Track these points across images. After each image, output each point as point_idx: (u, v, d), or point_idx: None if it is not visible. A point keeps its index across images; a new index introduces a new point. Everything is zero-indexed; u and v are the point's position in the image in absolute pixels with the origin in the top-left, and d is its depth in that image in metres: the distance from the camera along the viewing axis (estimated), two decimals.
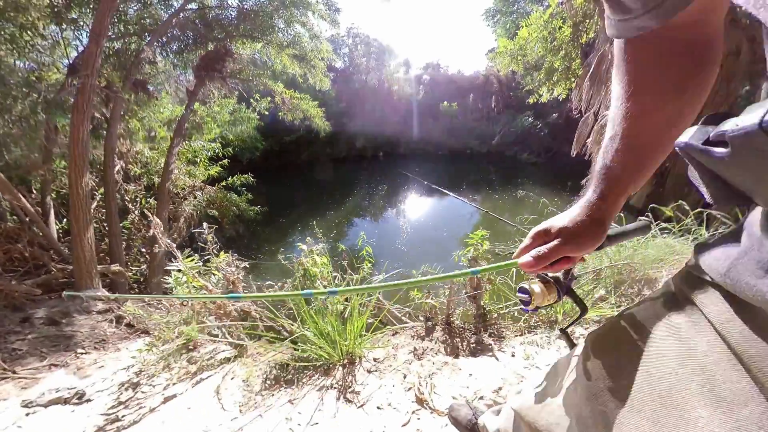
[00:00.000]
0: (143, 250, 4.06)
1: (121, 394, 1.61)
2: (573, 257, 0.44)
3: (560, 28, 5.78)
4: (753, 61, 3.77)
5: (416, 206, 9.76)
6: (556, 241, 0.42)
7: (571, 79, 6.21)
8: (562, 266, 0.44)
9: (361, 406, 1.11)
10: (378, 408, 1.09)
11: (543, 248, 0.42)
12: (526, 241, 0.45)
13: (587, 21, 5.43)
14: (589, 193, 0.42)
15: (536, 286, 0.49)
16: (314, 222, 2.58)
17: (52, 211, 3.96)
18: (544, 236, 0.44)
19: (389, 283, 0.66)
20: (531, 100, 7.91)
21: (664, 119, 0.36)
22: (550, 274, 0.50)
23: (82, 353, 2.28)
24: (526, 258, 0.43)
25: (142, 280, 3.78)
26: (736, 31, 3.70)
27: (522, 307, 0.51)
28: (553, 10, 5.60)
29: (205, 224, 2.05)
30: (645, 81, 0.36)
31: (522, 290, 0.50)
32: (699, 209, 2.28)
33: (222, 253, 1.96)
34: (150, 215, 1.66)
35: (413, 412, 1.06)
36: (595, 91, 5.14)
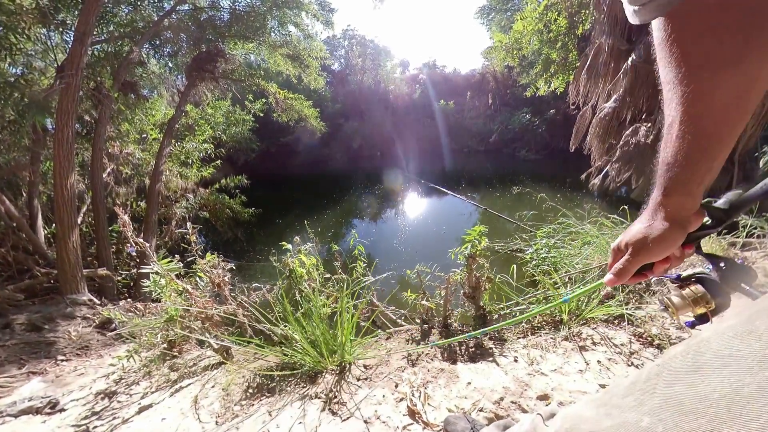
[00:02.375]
0: (133, 253, 3.96)
1: (97, 403, 1.51)
2: (669, 258, 0.43)
3: (555, 20, 5.71)
4: None
5: (414, 205, 9.67)
6: (627, 255, 0.44)
7: (568, 71, 6.15)
8: (659, 270, 0.44)
9: (347, 419, 1.00)
10: (365, 422, 0.98)
11: (618, 264, 0.45)
12: (610, 258, 0.48)
13: (583, 12, 5.37)
14: (654, 193, 0.41)
15: (673, 297, 0.43)
16: (307, 223, 2.48)
17: (39, 215, 3.86)
18: (618, 252, 0.45)
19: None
20: (528, 93, 7.86)
21: (726, 95, 0.31)
22: (683, 274, 0.44)
23: (62, 360, 2.18)
24: (608, 276, 0.46)
25: (131, 284, 3.67)
26: None
27: (693, 325, 0.42)
28: (547, 2, 5.53)
29: (189, 225, 1.95)
30: (696, 56, 0.31)
31: (663, 305, 0.44)
32: (706, 199, 2.19)
33: (208, 254, 1.86)
34: (120, 213, 1.55)
35: (404, 428, 0.95)
36: (592, 84, 5.06)
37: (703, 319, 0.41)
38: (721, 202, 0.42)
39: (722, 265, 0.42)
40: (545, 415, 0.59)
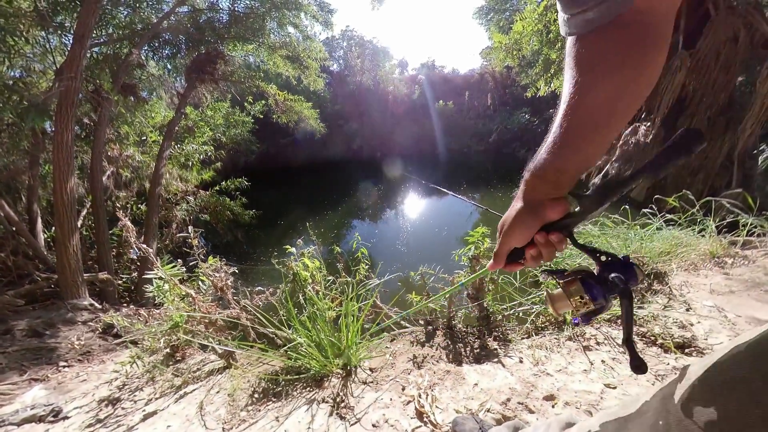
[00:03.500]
0: (134, 257, 3.94)
1: (101, 410, 1.50)
2: (538, 243, 0.44)
3: (555, 20, 5.74)
4: (750, 47, 3.71)
5: (415, 206, 9.68)
6: (497, 238, 0.48)
7: None
8: (528, 256, 0.44)
9: (355, 423, 1.00)
10: (374, 425, 0.98)
11: (496, 247, 0.48)
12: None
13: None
14: (522, 176, 0.44)
15: (556, 290, 0.41)
16: (309, 224, 2.48)
17: (39, 219, 3.85)
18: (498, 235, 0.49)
19: None
20: (528, 94, 7.87)
21: (598, 98, 0.35)
22: (567, 269, 0.43)
23: (64, 366, 2.17)
24: (489, 262, 0.50)
25: (132, 288, 3.66)
26: (734, 17, 3.64)
27: (577, 324, 0.43)
28: (547, 3, 5.55)
29: (190, 228, 1.94)
30: (586, 62, 0.36)
31: (546, 296, 0.42)
32: (706, 198, 2.20)
33: (210, 257, 1.86)
34: (122, 218, 1.55)
35: (413, 430, 0.96)
36: None
37: (584, 320, 0.39)
38: (589, 191, 0.41)
39: (603, 258, 0.40)
40: (559, 425, 0.59)
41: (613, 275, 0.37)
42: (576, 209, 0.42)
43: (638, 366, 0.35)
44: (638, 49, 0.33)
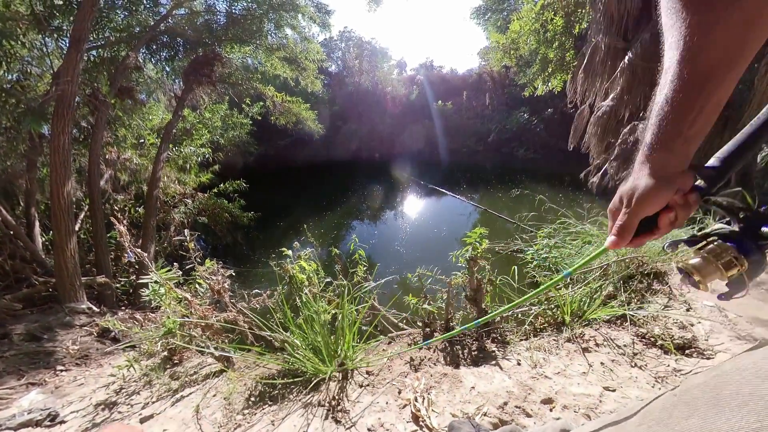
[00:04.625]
0: (132, 260, 3.93)
1: (97, 414, 1.50)
2: (671, 207, 0.39)
3: (552, 19, 5.73)
4: None
5: (414, 207, 9.67)
6: (624, 210, 0.40)
7: (566, 70, 6.17)
8: (664, 222, 0.38)
9: (351, 427, 0.99)
10: (369, 430, 0.97)
11: (618, 221, 0.41)
12: (609, 221, 0.44)
13: (579, 11, 5.39)
14: (642, 145, 0.38)
15: (693, 260, 0.36)
16: (306, 226, 2.47)
17: (36, 223, 3.84)
18: (616, 212, 0.42)
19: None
20: (526, 93, 7.87)
21: (726, 31, 0.31)
22: (698, 233, 0.38)
23: (61, 370, 2.16)
24: (610, 239, 0.42)
25: (131, 291, 3.64)
26: None
27: (726, 296, 0.35)
28: (544, 2, 5.55)
29: (186, 232, 1.93)
30: (697, 4, 0.31)
31: (684, 274, 0.36)
32: (705, 197, 2.18)
33: (208, 260, 1.85)
34: (117, 222, 1.54)
35: None
36: (589, 83, 5.08)
37: (738, 285, 0.34)
38: (712, 161, 0.38)
39: (742, 215, 0.36)
40: (555, 431, 0.57)
41: (766, 228, 0.33)
42: (698, 182, 0.37)
43: None
44: None
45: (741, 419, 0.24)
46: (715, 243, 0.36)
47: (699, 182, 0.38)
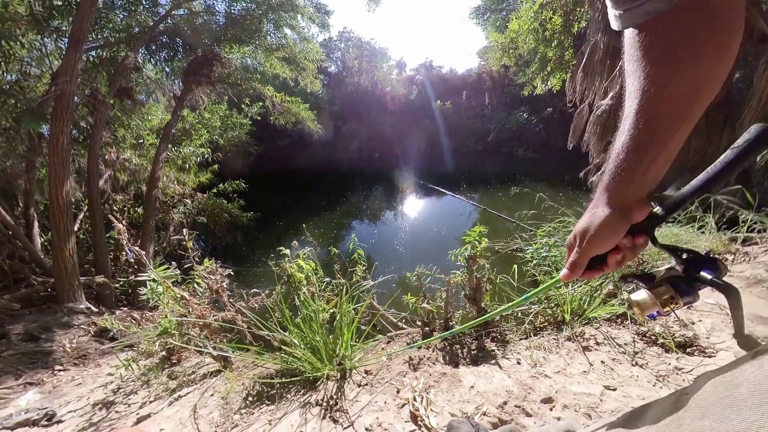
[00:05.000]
0: (131, 260, 3.93)
1: (94, 414, 1.49)
2: (620, 248, 0.42)
3: (551, 18, 5.73)
4: (747, 42, 3.69)
5: (414, 206, 9.66)
6: (576, 248, 0.44)
7: (565, 69, 6.17)
8: (611, 261, 0.42)
9: (348, 426, 0.98)
10: (367, 429, 0.96)
11: (571, 257, 0.45)
12: (567, 254, 0.47)
13: (578, 10, 5.39)
14: (601, 181, 0.41)
15: (639, 295, 0.40)
16: (305, 226, 2.46)
17: (35, 223, 3.83)
18: (571, 246, 0.46)
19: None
20: (525, 92, 7.87)
21: (678, 88, 0.33)
22: (655, 274, 0.42)
23: (59, 370, 2.15)
24: (563, 272, 0.46)
25: (130, 291, 3.64)
26: None
27: (651, 317, 0.41)
28: (543, 1, 5.55)
29: (185, 231, 1.93)
30: (657, 51, 0.34)
31: (630, 307, 0.42)
32: (705, 195, 2.17)
33: (206, 260, 1.84)
34: (114, 220, 1.53)
35: None
36: (588, 82, 5.07)
37: (666, 312, 0.40)
38: (669, 191, 0.41)
39: (685, 257, 0.40)
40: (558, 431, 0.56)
41: (705, 273, 0.37)
42: (656, 209, 0.41)
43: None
44: (715, 33, 0.31)
45: (758, 419, 0.23)
46: (663, 284, 0.40)
47: (657, 209, 0.42)
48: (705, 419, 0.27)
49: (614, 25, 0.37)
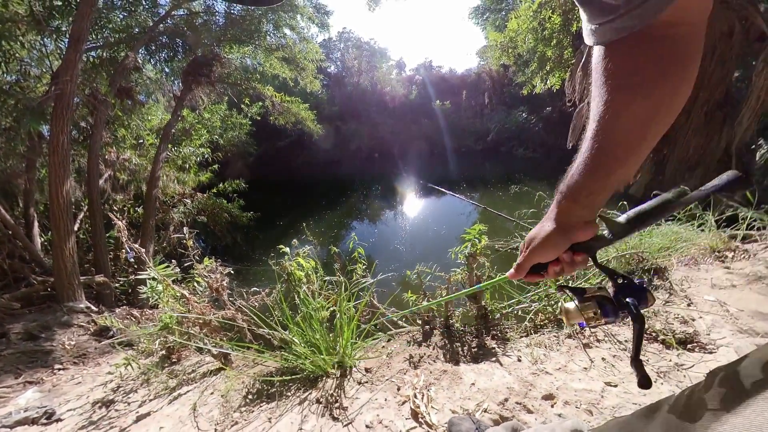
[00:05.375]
0: (131, 259, 3.93)
1: (94, 413, 1.49)
2: (559, 260, 0.46)
3: (550, 17, 5.74)
4: (745, 41, 3.70)
5: (414, 206, 9.67)
6: (522, 253, 0.49)
7: (564, 68, 6.17)
8: (551, 271, 0.47)
9: (348, 423, 0.98)
10: (367, 426, 0.96)
11: (517, 260, 0.49)
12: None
13: (577, 9, 5.38)
14: (555, 196, 0.44)
15: (568, 305, 0.44)
16: (305, 225, 2.46)
17: (35, 222, 3.83)
18: (523, 248, 0.49)
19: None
20: (525, 92, 7.88)
21: (631, 118, 0.34)
22: (587, 288, 0.45)
23: (59, 369, 2.15)
24: (510, 271, 0.51)
25: (130, 291, 3.63)
26: (728, 11, 3.64)
27: (580, 325, 0.44)
28: (541, 0, 5.56)
29: (185, 229, 1.92)
30: (618, 78, 0.34)
31: (560, 312, 0.44)
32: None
33: (206, 259, 1.84)
34: (114, 218, 1.53)
35: (407, 431, 0.93)
36: (588, 81, 5.07)
37: (590, 325, 0.43)
38: (621, 218, 0.43)
39: (619, 281, 0.42)
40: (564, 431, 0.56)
41: (628, 299, 0.39)
42: (604, 232, 0.44)
43: (644, 384, 0.37)
44: (674, 65, 0.32)
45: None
46: (591, 301, 0.42)
47: (605, 232, 0.44)
48: (720, 412, 0.27)
49: (588, 40, 0.37)
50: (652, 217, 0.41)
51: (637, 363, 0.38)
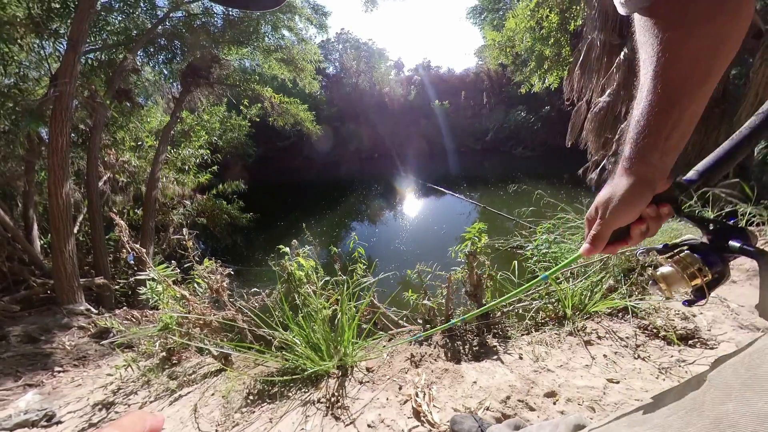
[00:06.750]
0: (131, 261, 3.92)
1: (94, 414, 1.48)
2: (644, 219, 0.41)
3: (547, 16, 5.76)
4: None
5: (414, 206, 9.67)
6: (598, 221, 0.42)
7: (562, 66, 6.19)
8: (636, 233, 0.40)
9: (350, 423, 0.98)
10: (369, 426, 0.96)
11: (592, 230, 0.43)
12: (586, 229, 0.45)
13: (574, 8, 5.41)
14: (623, 156, 0.40)
15: (662, 269, 0.37)
16: (304, 225, 2.45)
17: (35, 225, 3.82)
18: (591, 220, 0.44)
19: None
20: (523, 90, 7.90)
21: (695, 47, 0.32)
22: (670, 243, 0.39)
23: (59, 371, 2.14)
24: (584, 246, 0.44)
25: (130, 293, 3.63)
26: None
27: (690, 303, 0.37)
28: None
29: (185, 230, 1.92)
30: (672, 14, 0.32)
31: (653, 281, 0.38)
32: (703, 188, 2.18)
33: (206, 260, 1.84)
34: (114, 216, 1.53)
35: (410, 430, 0.93)
36: (586, 79, 5.09)
37: (700, 293, 0.36)
38: (689, 174, 0.40)
39: (711, 227, 0.38)
40: (567, 428, 0.55)
41: (734, 242, 0.34)
42: (680, 178, 0.40)
43: None
44: None
45: None
46: (684, 253, 0.37)
47: (680, 178, 0.40)
48: (728, 403, 0.26)
49: (621, 10, 0.36)
50: (725, 164, 0.36)
51: (766, 312, 0.32)
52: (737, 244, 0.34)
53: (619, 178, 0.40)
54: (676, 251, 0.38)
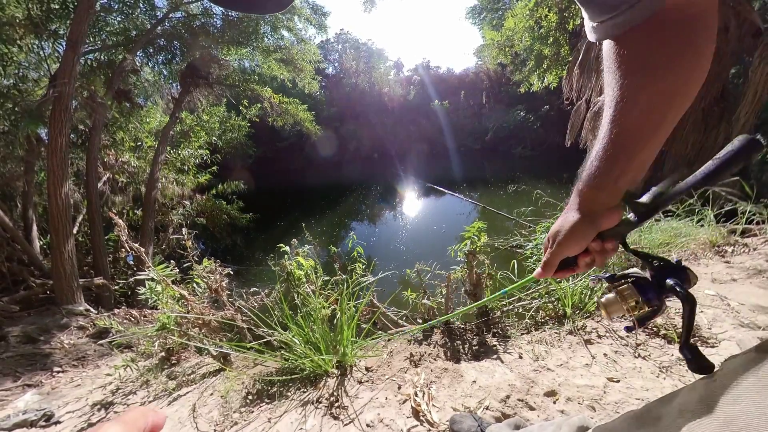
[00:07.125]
0: (131, 262, 3.92)
1: (93, 415, 1.48)
2: (589, 251, 0.44)
3: (546, 16, 5.76)
4: (740, 37, 3.72)
5: (413, 205, 9.67)
6: (549, 249, 0.46)
7: (561, 66, 6.19)
8: (581, 263, 0.44)
9: (349, 423, 0.97)
10: (368, 425, 0.95)
11: (544, 257, 0.47)
12: (543, 253, 0.49)
13: (573, 7, 5.42)
14: (576, 185, 0.43)
15: (608, 296, 0.41)
16: (304, 225, 2.45)
17: (34, 225, 3.82)
18: (546, 247, 0.47)
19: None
20: (522, 90, 7.90)
21: (649, 99, 0.34)
22: (618, 273, 0.42)
23: (58, 372, 2.14)
24: (537, 270, 0.48)
25: (129, 293, 3.62)
26: (724, 7, 3.65)
27: (629, 329, 0.41)
28: None
29: (184, 230, 1.92)
30: (632, 63, 0.34)
31: (598, 308, 0.42)
32: (703, 188, 2.17)
33: (206, 260, 1.83)
34: (113, 215, 1.53)
35: (409, 430, 0.92)
36: (585, 78, 5.09)
37: (639, 322, 0.39)
38: (644, 197, 0.41)
39: (655, 263, 0.40)
40: (570, 429, 0.55)
41: (669, 280, 0.37)
42: (629, 215, 0.42)
43: (704, 367, 0.33)
44: (687, 46, 0.32)
45: None
46: (625, 285, 0.40)
47: (630, 216, 0.42)
48: (739, 404, 0.26)
49: (590, 36, 0.37)
50: (676, 195, 0.38)
51: (690, 348, 0.34)
52: (671, 282, 0.36)
53: (568, 212, 0.44)
54: (621, 281, 0.41)
